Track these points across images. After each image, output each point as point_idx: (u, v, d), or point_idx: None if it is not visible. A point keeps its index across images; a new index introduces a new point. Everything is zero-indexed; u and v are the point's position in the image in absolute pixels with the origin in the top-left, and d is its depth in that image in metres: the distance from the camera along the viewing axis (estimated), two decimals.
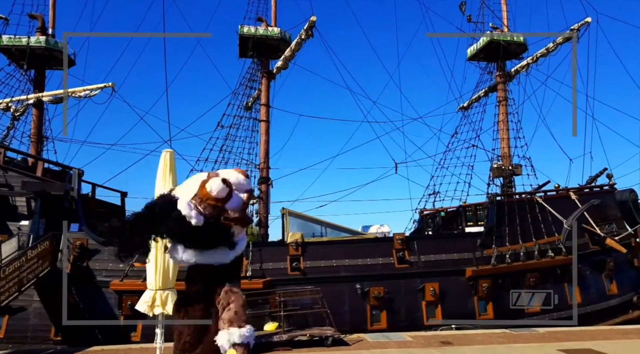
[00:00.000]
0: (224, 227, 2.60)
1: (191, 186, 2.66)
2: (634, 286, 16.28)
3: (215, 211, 2.56)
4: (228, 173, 2.71)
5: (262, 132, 17.77)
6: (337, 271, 13.57)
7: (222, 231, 2.59)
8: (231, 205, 2.61)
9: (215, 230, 2.54)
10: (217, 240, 2.58)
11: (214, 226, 2.53)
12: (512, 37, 19.31)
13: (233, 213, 2.58)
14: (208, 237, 2.53)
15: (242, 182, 2.69)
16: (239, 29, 17.41)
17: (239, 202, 2.64)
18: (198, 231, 2.48)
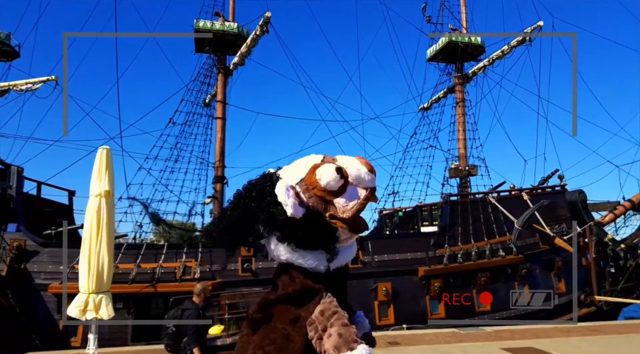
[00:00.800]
0: (327, 226, 2.00)
1: (300, 168, 2.10)
2: (582, 285, 16.68)
3: (320, 205, 2.01)
4: (348, 161, 2.10)
5: (218, 130, 17.40)
6: None
7: (322, 230, 2.01)
8: (342, 202, 2.01)
9: (315, 226, 1.98)
10: (315, 240, 2.00)
11: (314, 222, 1.98)
12: (470, 38, 19.48)
13: (342, 211, 2.00)
14: (305, 233, 1.97)
15: (363, 176, 2.04)
16: (194, 24, 17.00)
17: (353, 199, 2.02)
18: (294, 223, 1.95)
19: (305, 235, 1.94)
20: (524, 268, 15.07)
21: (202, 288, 7.14)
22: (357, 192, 1.98)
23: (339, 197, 1.96)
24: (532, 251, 15.74)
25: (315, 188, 1.98)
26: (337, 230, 1.96)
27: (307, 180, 2.01)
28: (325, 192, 1.96)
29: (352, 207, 1.97)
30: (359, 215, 2.02)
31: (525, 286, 15.22)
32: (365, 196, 2.00)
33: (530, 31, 17.58)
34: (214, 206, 16.73)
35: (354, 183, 1.99)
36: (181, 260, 12.84)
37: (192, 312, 6.63)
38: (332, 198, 1.97)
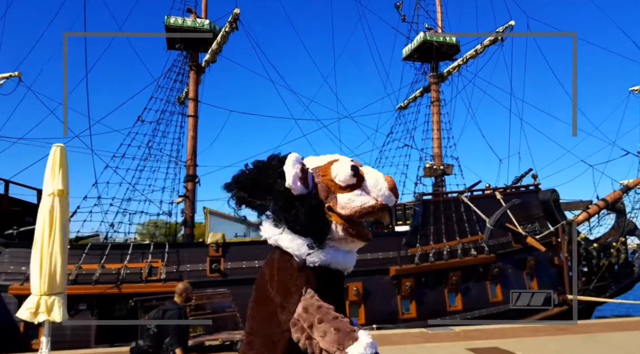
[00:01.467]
0: (321, 215, 1.93)
1: (322, 159, 2.09)
2: (554, 283, 16.76)
3: (323, 193, 1.95)
4: (372, 171, 2.05)
5: (190, 128, 17.13)
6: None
7: (315, 217, 1.91)
8: (346, 198, 1.92)
9: (309, 211, 1.90)
10: (305, 223, 1.89)
11: (310, 206, 1.91)
12: (445, 38, 19.45)
13: (342, 207, 1.92)
14: (297, 213, 1.89)
15: (380, 187, 1.95)
16: (165, 20, 16.71)
17: (356, 202, 1.92)
18: (291, 200, 1.89)
19: (297, 215, 1.87)
20: (496, 268, 15.08)
21: (184, 288, 7.03)
22: (365, 198, 1.91)
23: (345, 193, 1.91)
24: (505, 251, 15.77)
25: (325, 176, 1.95)
26: (330, 224, 1.91)
27: (322, 169, 1.99)
28: (332, 183, 1.92)
29: (353, 207, 1.89)
30: (358, 217, 1.93)
31: (497, 285, 15.25)
32: (373, 205, 1.92)
33: (502, 30, 17.61)
34: (185, 205, 16.47)
35: (367, 189, 1.94)
36: (147, 260, 12.58)
37: (174, 312, 6.54)
38: (338, 192, 1.92)
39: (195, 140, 17.13)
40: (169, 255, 12.79)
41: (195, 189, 16.93)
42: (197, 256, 13.01)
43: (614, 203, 20.88)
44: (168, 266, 12.67)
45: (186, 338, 7.05)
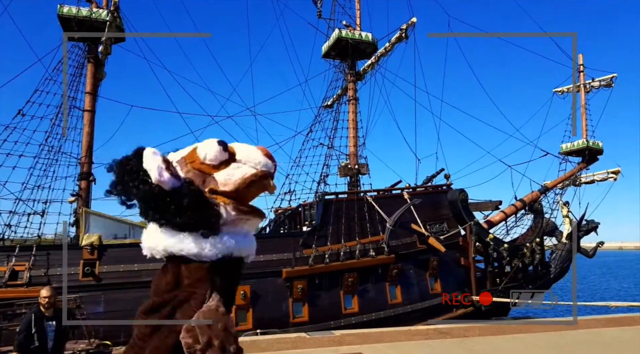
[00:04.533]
0: (204, 201, 1.71)
1: (184, 151, 1.88)
2: (460, 284, 16.61)
3: (198, 179, 1.75)
4: (242, 145, 1.90)
5: (85, 123, 16.20)
6: (139, 276, 12.46)
7: (199, 206, 1.69)
8: (224, 175, 1.76)
9: (190, 202, 1.67)
10: (191, 217, 1.68)
11: (190, 197, 1.67)
12: (361, 35, 19.09)
13: (224, 185, 1.74)
14: (178, 210, 1.66)
15: (255, 156, 1.82)
16: (57, 9, 15.73)
17: (236, 175, 1.77)
18: (165, 197, 1.68)
19: (178, 209, 1.67)
20: (395, 269, 14.76)
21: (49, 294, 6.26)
22: (244, 169, 1.78)
23: (220, 171, 1.77)
24: (408, 251, 15.48)
25: (194, 162, 1.79)
26: (218, 207, 1.74)
27: (187, 156, 1.82)
28: (204, 165, 1.77)
29: (236, 180, 1.76)
30: (244, 189, 1.78)
31: (397, 286, 14.93)
32: (254, 173, 1.79)
33: (406, 28, 17.40)
34: (78, 204, 15.53)
35: (242, 161, 1.81)
36: (11, 263, 11.66)
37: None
38: (213, 171, 1.77)
39: (90, 136, 16.20)
40: (37, 258, 11.90)
41: (90, 188, 16.04)
42: (70, 259, 12.15)
43: (531, 204, 21.07)
44: (35, 269, 11.78)
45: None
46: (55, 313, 6.26)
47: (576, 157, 23.42)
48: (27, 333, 5.96)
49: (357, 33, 19.13)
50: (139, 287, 12.32)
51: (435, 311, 15.46)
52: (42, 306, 6.14)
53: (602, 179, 22.70)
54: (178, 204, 1.67)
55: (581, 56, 24.48)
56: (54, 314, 6.22)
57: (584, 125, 23.52)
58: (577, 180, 22.86)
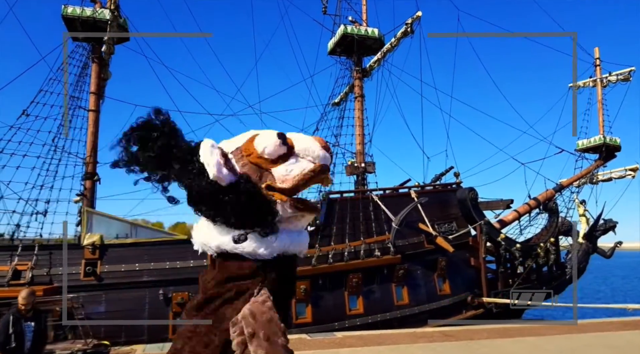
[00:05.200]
0: (261, 198, 1.63)
1: (238, 138, 1.80)
2: (470, 285, 16.20)
3: (255, 174, 1.67)
4: (299, 135, 1.80)
5: (90, 123, 16.22)
6: (140, 275, 12.38)
7: (256, 203, 1.63)
8: (282, 171, 1.67)
9: (247, 198, 1.60)
10: (247, 214, 1.62)
11: (247, 193, 1.61)
12: (367, 31, 18.77)
13: (282, 181, 1.66)
14: (235, 206, 1.60)
15: (314, 149, 1.72)
16: (62, 10, 15.75)
17: (295, 171, 1.67)
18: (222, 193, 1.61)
19: (235, 209, 1.61)
20: (402, 269, 14.44)
21: (27, 297, 6.18)
22: (302, 164, 1.69)
23: (278, 166, 1.68)
24: (415, 251, 15.14)
25: (251, 155, 1.70)
26: (275, 204, 1.65)
27: (244, 147, 1.73)
28: (262, 159, 1.69)
29: (294, 176, 1.67)
30: (302, 186, 1.71)
31: (403, 287, 14.60)
32: (313, 168, 1.70)
33: (411, 22, 17.05)
34: (83, 204, 15.53)
35: (300, 154, 1.72)
36: (14, 262, 11.67)
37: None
38: (271, 167, 1.69)
39: (95, 136, 16.21)
40: (39, 258, 11.89)
41: (95, 187, 16.05)
42: (71, 259, 12.12)
43: (545, 203, 20.51)
44: (37, 268, 11.77)
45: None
46: (35, 315, 6.16)
47: (593, 153, 22.75)
48: (5, 334, 5.87)
49: (363, 29, 18.82)
50: (141, 287, 12.28)
51: (443, 312, 15.09)
52: (22, 308, 6.04)
53: (619, 176, 22.00)
54: (235, 201, 1.60)
55: (597, 49, 23.83)
56: (33, 316, 6.11)
57: (601, 120, 22.85)
58: (594, 178, 22.21)
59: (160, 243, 12.90)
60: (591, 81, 23.84)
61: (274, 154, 1.67)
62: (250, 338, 1.54)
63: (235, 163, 1.70)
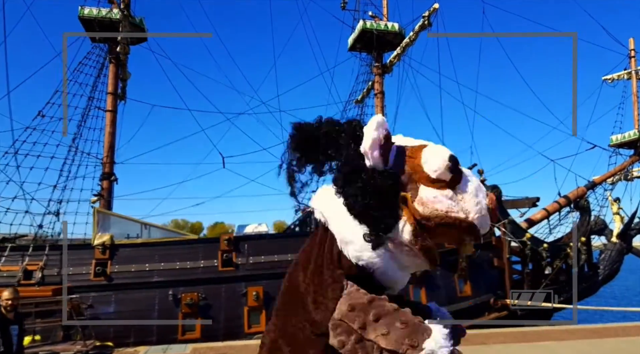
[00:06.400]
0: (393, 201, 1.45)
1: (409, 140, 1.66)
2: (493, 287, 15.55)
3: (404, 178, 1.48)
4: (471, 173, 1.58)
5: (107, 123, 16.32)
6: (150, 276, 12.29)
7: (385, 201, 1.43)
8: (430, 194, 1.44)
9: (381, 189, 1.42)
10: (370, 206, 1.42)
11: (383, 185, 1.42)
12: (387, 25, 18.31)
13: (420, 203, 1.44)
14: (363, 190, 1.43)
15: (479, 201, 1.50)
16: (78, 11, 15.89)
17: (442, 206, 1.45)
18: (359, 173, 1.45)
19: (362, 191, 1.44)
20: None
21: (12, 297, 6.08)
22: (453, 206, 1.45)
23: (430, 187, 1.46)
24: None
25: (413, 158, 1.53)
26: (398, 219, 1.45)
27: (410, 149, 1.58)
28: (420, 168, 1.49)
29: (437, 208, 1.43)
30: (437, 223, 1.44)
31: (421, 289, 14.07)
32: (462, 218, 1.45)
33: (428, 15, 16.47)
34: (100, 204, 15.62)
35: (461, 195, 1.48)
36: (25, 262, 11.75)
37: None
38: (422, 183, 1.48)
39: (112, 137, 16.32)
40: (49, 257, 11.93)
41: (112, 187, 16.13)
42: (83, 259, 12.13)
43: (576, 201, 19.59)
44: (48, 268, 11.81)
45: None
46: (17, 317, 6.01)
47: (628, 149, 21.69)
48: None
49: (383, 23, 18.39)
50: (150, 287, 12.19)
51: (464, 314, 14.47)
52: (4, 309, 5.89)
53: None
54: (363, 187, 1.44)
55: (632, 40, 22.69)
56: (16, 318, 5.97)
57: (636, 114, 21.77)
58: (628, 174, 21.13)
59: (170, 243, 12.79)
60: (626, 73, 22.77)
61: (435, 173, 1.46)
62: (362, 329, 1.38)
63: (393, 156, 1.53)
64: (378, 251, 1.47)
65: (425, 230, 1.45)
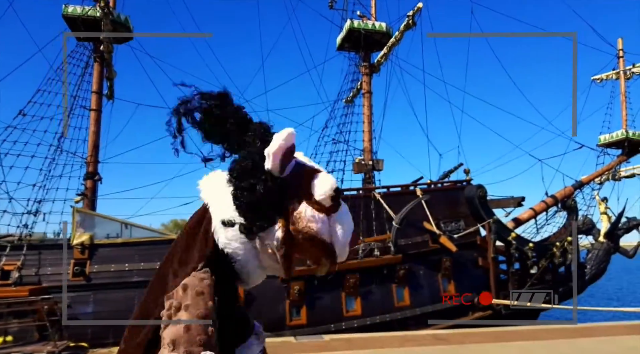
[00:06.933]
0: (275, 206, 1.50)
1: (307, 160, 1.71)
2: (478, 286, 15.49)
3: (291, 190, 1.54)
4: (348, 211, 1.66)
5: (91, 123, 16.22)
6: (130, 276, 12.21)
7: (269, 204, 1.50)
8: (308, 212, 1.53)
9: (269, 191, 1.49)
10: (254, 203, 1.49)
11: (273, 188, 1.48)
12: (374, 25, 18.26)
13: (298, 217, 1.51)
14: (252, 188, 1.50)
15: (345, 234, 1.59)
16: (62, 9, 15.78)
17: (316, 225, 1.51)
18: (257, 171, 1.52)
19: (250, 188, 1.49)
20: (402, 269, 13.89)
21: None
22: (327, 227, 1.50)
23: (310, 207, 1.50)
24: (418, 251, 14.55)
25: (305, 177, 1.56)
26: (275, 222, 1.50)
27: (306, 169, 1.60)
28: (306, 189, 1.54)
29: (310, 225, 1.48)
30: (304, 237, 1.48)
31: (405, 288, 14.04)
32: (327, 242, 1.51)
33: (412, 14, 16.41)
34: (83, 204, 15.52)
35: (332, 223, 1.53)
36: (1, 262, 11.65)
37: None
38: (305, 201, 1.51)
39: (97, 136, 16.22)
40: (27, 257, 11.84)
41: (96, 187, 16.03)
42: (61, 259, 12.03)
43: (564, 200, 19.60)
44: (25, 269, 11.71)
45: None
46: None
47: (615, 149, 21.70)
48: None
49: (370, 23, 18.33)
50: (130, 287, 12.09)
51: (447, 314, 14.45)
52: None
53: None
54: (258, 183, 1.48)
55: (620, 40, 22.70)
56: None
57: (624, 114, 21.77)
58: (616, 174, 21.14)
59: (150, 243, 12.70)
60: (614, 73, 22.78)
61: (319, 197, 1.50)
62: (175, 311, 1.37)
63: (290, 168, 1.56)
64: (246, 245, 1.52)
65: (292, 241, 1.50)
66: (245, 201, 1.50)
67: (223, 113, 1.67)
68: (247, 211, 1.50)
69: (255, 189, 1.49)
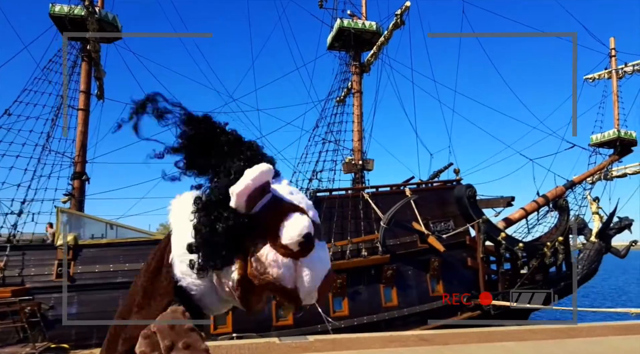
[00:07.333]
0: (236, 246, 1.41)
1: (293, 192, 1.58)
2: (467, 286, 15.42)
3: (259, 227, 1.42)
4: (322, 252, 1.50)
5: (79, 122, 16.12)
6: (114, 276, 12.11)
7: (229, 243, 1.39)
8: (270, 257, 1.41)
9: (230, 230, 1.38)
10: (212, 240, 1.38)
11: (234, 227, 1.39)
12: (364, 24, 18.19)
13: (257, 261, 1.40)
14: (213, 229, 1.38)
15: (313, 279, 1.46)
16: (49, 8, 15.67)
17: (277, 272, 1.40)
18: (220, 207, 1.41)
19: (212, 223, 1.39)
20: (390, 269, 13.81)
21: None
22: (291, 273, 1.40)
23: (274, 250, 1.39)
24: (407, 251, 14.48)
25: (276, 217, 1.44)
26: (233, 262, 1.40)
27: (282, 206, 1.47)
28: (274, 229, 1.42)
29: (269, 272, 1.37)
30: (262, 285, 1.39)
31: (392, 288, 13.97)
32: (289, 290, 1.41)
33: (400, 13, 16.32)
34: (70, 204, 15.41)
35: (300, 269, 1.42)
36: None
37: None
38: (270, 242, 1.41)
39: (84, 135, 16.13)
40: (11, 258, 11.73)
41: (84, 187, 15.93)
42: (45, 260, 11.94)
43: (555, 200, 19.54)
44: (9, 270, 11.61)
45: None
46: None
47: (607, 148, 21.64)
48: None
49: (360, 22, 18.25)
50: (114, 288, 11.99)
51: (436, 314, 14.38)
52: None
53: (634, 172, 20.81)
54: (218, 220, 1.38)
55: (613, 40, 22.67)
56: None
57: (616, 114, 21.72)
58: (608, 174, 21.08)
59: (135, 244, 12.60)
60: (606, 73, 22.75)
61: (286, 240, 1.40)
62: (168, 350, 1.30)
63: (262, 204, 1.44)
64: (199, 281, 1.43)
65: (249, 283, 1.41)
66: (202, 238, 1.41)
67: (209, 138, 1.57)
68: (203, 248, 1.41)
69: (215, 227, 1.40)
